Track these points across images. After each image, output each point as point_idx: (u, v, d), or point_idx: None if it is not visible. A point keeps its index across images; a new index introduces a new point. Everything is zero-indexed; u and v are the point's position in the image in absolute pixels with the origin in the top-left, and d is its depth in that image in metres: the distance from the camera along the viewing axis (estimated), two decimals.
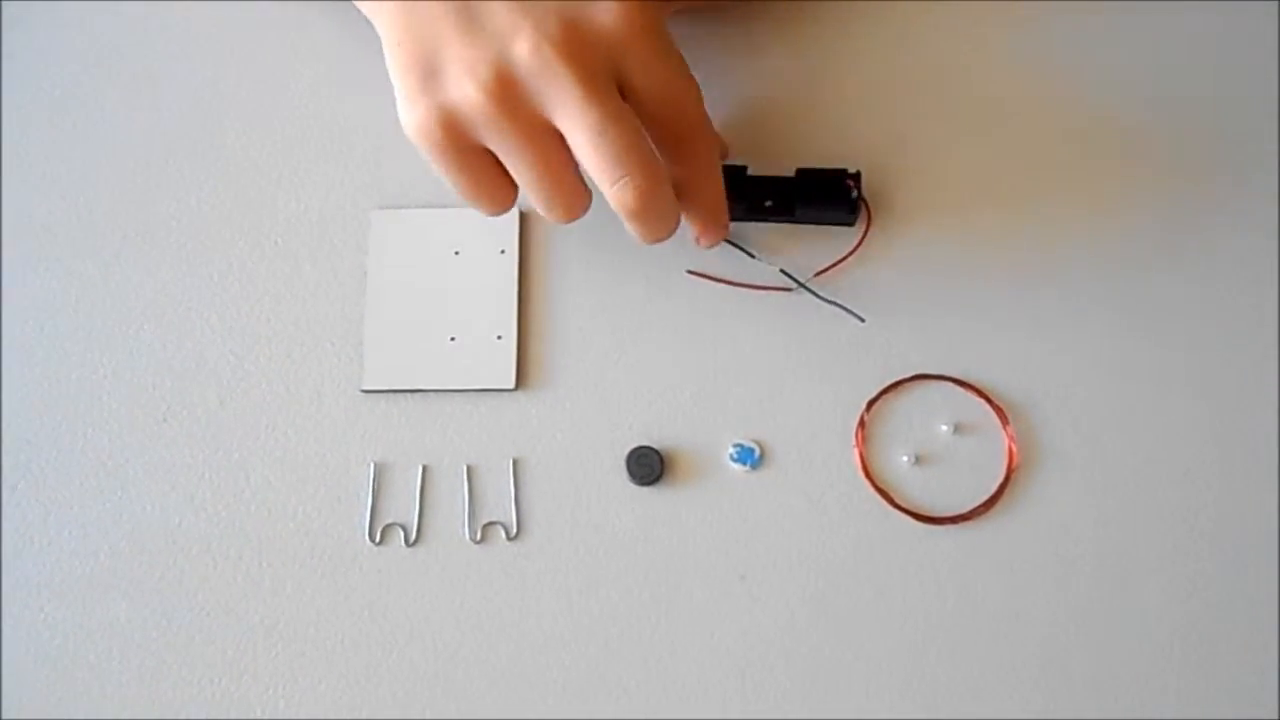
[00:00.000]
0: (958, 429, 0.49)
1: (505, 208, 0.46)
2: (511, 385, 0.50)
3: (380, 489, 0.49)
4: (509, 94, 0.41)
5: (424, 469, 0.49)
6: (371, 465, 0.49)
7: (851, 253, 0.51)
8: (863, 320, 0.50)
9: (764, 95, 0.54)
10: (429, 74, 0.42)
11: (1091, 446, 0.49)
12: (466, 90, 0.41)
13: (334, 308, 0.51)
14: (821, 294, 0.50)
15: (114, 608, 0.47)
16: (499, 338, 0.50)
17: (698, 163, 0.46)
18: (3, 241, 0.52)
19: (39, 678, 0.47)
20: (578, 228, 0.51)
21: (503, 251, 0.51)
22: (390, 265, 0.51)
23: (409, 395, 0.50)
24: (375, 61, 0.47)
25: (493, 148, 0.43)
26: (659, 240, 0.46)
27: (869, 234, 0.51)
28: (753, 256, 0.50)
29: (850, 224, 0.51)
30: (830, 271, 0.51)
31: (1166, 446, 0.49)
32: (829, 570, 0.48)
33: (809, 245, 0.51)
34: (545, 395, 0.50)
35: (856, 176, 0.50)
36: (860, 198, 0.50)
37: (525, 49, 0.41)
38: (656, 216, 0.44)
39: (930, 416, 0.50)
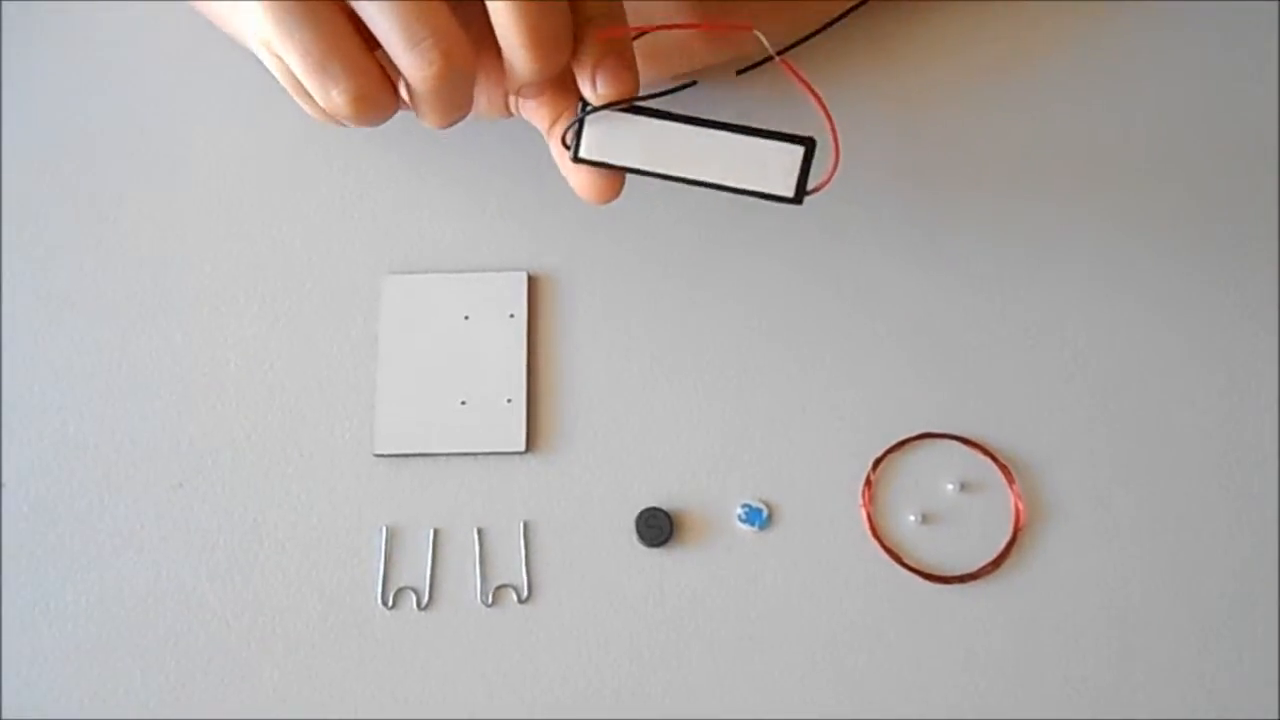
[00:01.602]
0: (964, 487, 0.50)
1: (380, 93, 0.38)
2: (522, 448, 0.50)
3: (392, 553, 0.49)
4: None
5: (435, 532, 0.49)
6: (384, 529, 0.49)
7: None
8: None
9: None
10: None
11: (1098, 504, 0.49)
12: None
13: (346, 373, 0.52)
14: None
15: (129, 673, 0.48)
16: (509, 401, 0.51)
17: None
18: (15, 309, 0.53)
19: None
20: (586, 290, 0.52)
21: (512, 316, 0.52)
22: (402, 330, 0.52)
23: (420, 459, 0.50)
24: (387, 128, 0.48)
25: None
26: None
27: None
28: (690, 84, 0.39)
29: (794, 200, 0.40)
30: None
31: (1173, 504, 0.49)
32: (838, 630, 0.48)
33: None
34: (555, 458, 0.50)
35: (809, 142, 0.39)
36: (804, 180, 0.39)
37: None
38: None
39: (937, 475, 0.50)
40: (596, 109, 0.39)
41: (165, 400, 0.51)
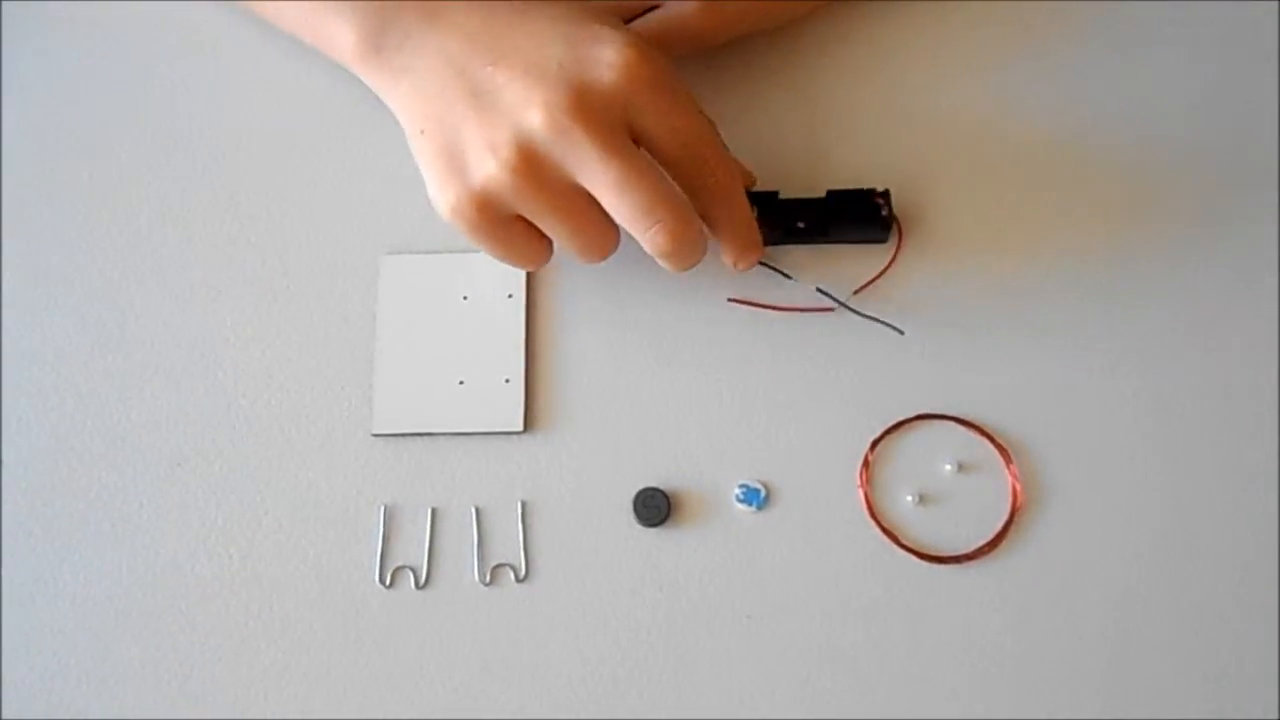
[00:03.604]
0: (961, 468, 0.50)
1: (543, 262, 0.48)
2: (519, 428, 0.50)
3: (390, 532, 0.49)
4: (531, 166, 0.43)
5: (433, 512, 0.49)
6: (381, 508, 0.49)
7: (888, 266, 0.52)
8: (901, 333, 0.51)
9: (791, 121, 0.55)
10: (453, 159, 0.44)
11: (1095, 485, 0.49)
12: (490, 170, 0.43)
13: (344, 352, 0.52)
14: (861, 310, 0.51)
15: (126, 651, 0.48)
16: (507, 381, 0.51)
17: (721, 193, 0.47)
18: (15, 286, 0.53)
19: None
20: (584, 271, 0.52)
21: (510, 296, 0.52)
22: (400, 310, 0.52)
23: (418, 438, 0.50)
24: (385, 109, 0.48)
25: (525, 214, 0.45)
26: (690, 267, 0.47)
27: (902, 248, 0.52)
28: (789, 278, 0.52)
29: (883, 240, 0.52)
30: (864, 289, 0.52)
31: (1170, 485, 0.49)
32: (835, 610, 0.48)
33: (841, 265, 0.52)
34: (553, 438, 0.50)
35: (885, 194, 0.52)
36: (891, 214, 0.52)
37: (539, 119, 0.42)
38: (689, 251, 0.46)
39: (934, 456, 0.50)
40: None
41: (164, 380, 0.51)
